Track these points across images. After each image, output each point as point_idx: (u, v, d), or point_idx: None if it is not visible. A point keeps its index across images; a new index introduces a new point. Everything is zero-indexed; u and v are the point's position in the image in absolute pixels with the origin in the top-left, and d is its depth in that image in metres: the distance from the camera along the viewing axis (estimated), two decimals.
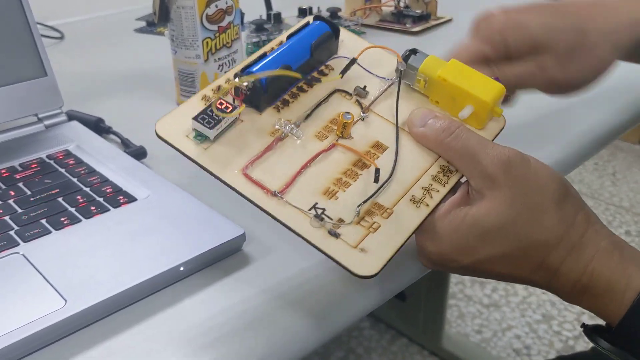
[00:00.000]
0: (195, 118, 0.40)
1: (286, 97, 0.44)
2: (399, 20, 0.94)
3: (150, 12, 0.95)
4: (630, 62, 0.56)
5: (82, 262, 0.42)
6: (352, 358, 1.41)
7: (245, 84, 0.40)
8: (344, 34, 0.48)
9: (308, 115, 0.44)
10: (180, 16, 0.63)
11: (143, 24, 0.99)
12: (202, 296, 0.42)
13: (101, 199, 0.48)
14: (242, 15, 0.77)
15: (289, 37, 0.45)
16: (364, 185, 0.41)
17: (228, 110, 0.40)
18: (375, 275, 0.38)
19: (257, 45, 0.84)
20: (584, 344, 1.43)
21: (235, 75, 0.42)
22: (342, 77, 0.46)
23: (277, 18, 0.88)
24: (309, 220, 0.39)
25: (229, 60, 0.66)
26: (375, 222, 0.40)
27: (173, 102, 0.70)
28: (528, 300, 1.56)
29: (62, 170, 0.52)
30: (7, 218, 0.46)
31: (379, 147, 0.44)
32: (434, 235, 0.41)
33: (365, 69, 0.47)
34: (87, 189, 0.50)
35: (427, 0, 0.96)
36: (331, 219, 0.39)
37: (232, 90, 0.41)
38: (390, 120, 0.45)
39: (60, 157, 0.54)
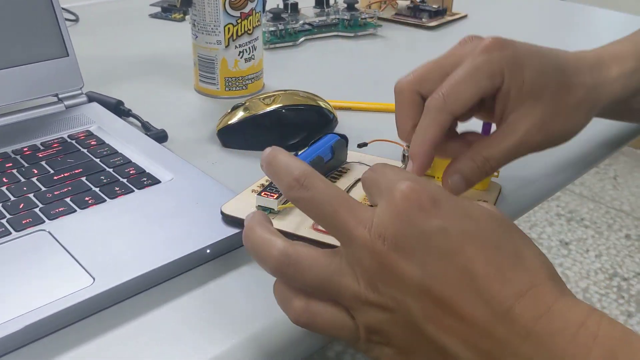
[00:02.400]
0: (259, 193, 0.44)
1: None
2: (415, 15, 0.94)
3: None
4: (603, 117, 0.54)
5: (108, 242, 0.42)
6: (350, 352, 1.41)
7: None
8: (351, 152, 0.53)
9: (348, 190, 0.48)
10: (203, 1, 0.63)
11: (158, 9, 0.99)
12: (227, 279, 0.42)
13: (125, 180, 0.48)
14: (264, 2, 0.76)
15: (310, 146, 0.49)
16: None
17: None
18: None
19: (274, 34, 0.84)
20: None
21: None
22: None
23: (294, 8, 0.88)
24: None
25: (249, 47, 0.66)
26: None
27: (191, 88, 0.70)
28: None
29: (85, 151, 0.52)
30: (31, 195, 0.46)
31: None
32: None
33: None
34: (110, 170, 0.50)
35: None
36: None
37: None
38: None
39: (82, 138, 0.54)
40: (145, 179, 0.49)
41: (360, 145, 0.53)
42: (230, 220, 0.44)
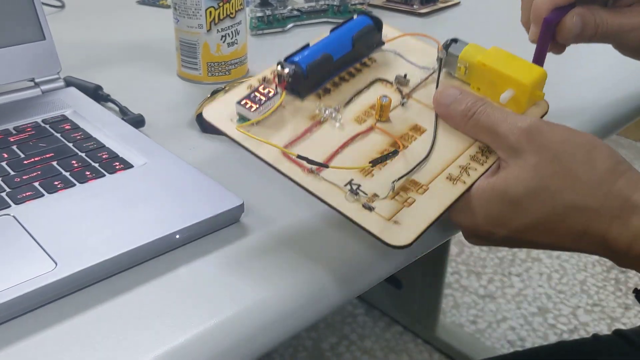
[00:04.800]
0: (239, 102, 0.41)
1: (328, 85, 0.45)
2: (406, 1, 0.93)
3: None
4: None
5: (74, 226, 0.41)
6: (345, 344, 1.40)
7: (286, 70, 0.42)
8: (387, 28, 0.49)
9: (348, 102, 0.45)
10: None
11: None
12: (197, 265, 0.40)
13: (96, 165, 0.47)
14: None
15: (332, 31, 0.46)
16: (400, 165, 0.42)
17: (270, 94, 0.42)
18: (409, 245, 0.38)
19: (261, 20, 0.82)
20: (578, 338, 1.43)
21: (278, 64, 0.43)
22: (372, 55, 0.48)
23: None
24: (344, 194, 0.39)
25: (232, 32, 0.64)
26: (410, 197, 0.40)
27: (174, 74, 0.69)
28: (524, 292, 1.55)
29: (58, 135, 0.51)
30: None
31: (417, 129, 0.44)
32: (467, 210, 0.41)
33: (406, 59, 0.48)
34: (83, 154, 0.48)
35: None
36: (366, 194, 0.39)
37: (275, 78, 0.43)
38: (430, 105, 0.46)
39: (56, 122, 0.53)
40: (117, 163, 0.47)
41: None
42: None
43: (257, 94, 0.42)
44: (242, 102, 0.41)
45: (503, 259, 1.67)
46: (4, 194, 0.43)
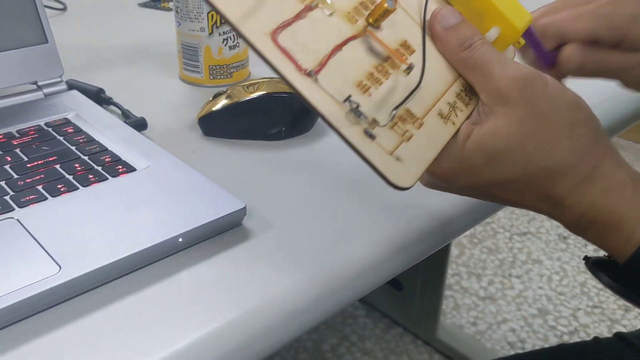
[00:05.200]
0: None
1: None
2: None
3: None
4: None
5: (78, 230, 0.41)
6: (345, 345, 1.40)
7: None
8: None
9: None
10: None
11: None
12: (199, 268, 0.41)
13: (99, 168, 0.47)
14: None
15: None
16: (394, 86, 0.39)
17: None
18: (410, 187, 0.37)
19: None
20: (579, 340, 1.43)
21: None
22: None
23: None
24: (344, 113, 0.36)
25: (234, 35, 0.65)
26: (407, 130, 0.38)
27: (175, 77, 0.69)
28: (524, 294, 1.56)
29: (61, 138, 0.51)
30: (2, 183, 0.45)
31: (407, 47, 0.41)
32: (443, 154, 0.39)
33: None
34: (85, 158, 0.49)
35: None
36: (366, 117, 0.37)
37: None
38: (418, 21, 0.42)
39: (59, 125, 0.53)
40: (120, 166, 0.48)
41: None
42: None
43: None
44: None
45: (503, 261, 1.67)
46: (7, 198, 0.43)
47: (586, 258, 0.42)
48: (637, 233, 0.38)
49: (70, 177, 0.46)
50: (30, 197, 0.43)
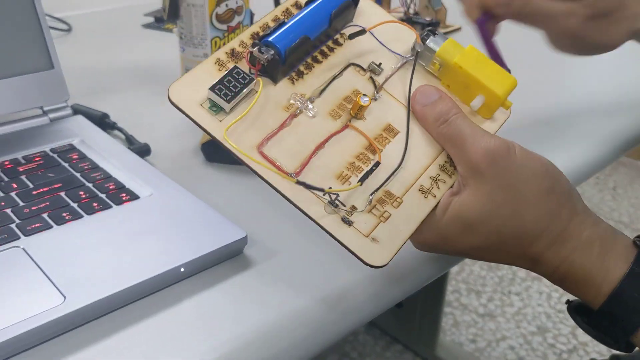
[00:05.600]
0: (212, 88, 0.38)
1: (301, 68, 0.43)
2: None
3: (159, 8, 0.95)
4: None
5: (82, 259, 0.42)
6: None
7: (265, 56, 0.39)
8: (364, 2, 0.46)
9: (322, 91, 0.43)
10: (190, 14, 0.63)
11: (151, 19, 0.99)
12: (201, 298, 0.41)
13: (103, 196, 0.48)
14: (251, 15, 0.76)
15: (307, 3, 0.43)
16: (375, 171, 0.41)
17: (245, 81, 0.39)
18: (385, 265, 0.39)
19: None
20: (578, 359, 1.43)
21: (254, 45, 0.40)
22: (350, 40, 0.45)
23: None
24: (323, 205, 0.39)
25: None
26: (386, 211, 0.41)
27: None
28: (523, 311, 1.56)
29: (66, 165, 0.52)
30: (8, 211, 0.46)
31: (390, 130, 0.43)
32: (425, 225, 0.42)
33: (380, 42, 0.45)
34: (90, 185, 0.50)
35: (436, 8, 0.95)
36: (344, 206, 0.39)
37: (248, 59, 0.40)
38: (403, 102, 0.45)
39: (64, 152, 0.54)
40: (124, 194, 0.48)
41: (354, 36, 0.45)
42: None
43: (231, 79, 0.39)
44: (216, 89, 0.38)
45: (503, 278, 1.68)
46: (13, 225, 0.44)
47: (568, 302, 0.45)
48: (604, 288, 0.40)
49: (75, 205, 0.47)
50: (36, 225, 0.44)
